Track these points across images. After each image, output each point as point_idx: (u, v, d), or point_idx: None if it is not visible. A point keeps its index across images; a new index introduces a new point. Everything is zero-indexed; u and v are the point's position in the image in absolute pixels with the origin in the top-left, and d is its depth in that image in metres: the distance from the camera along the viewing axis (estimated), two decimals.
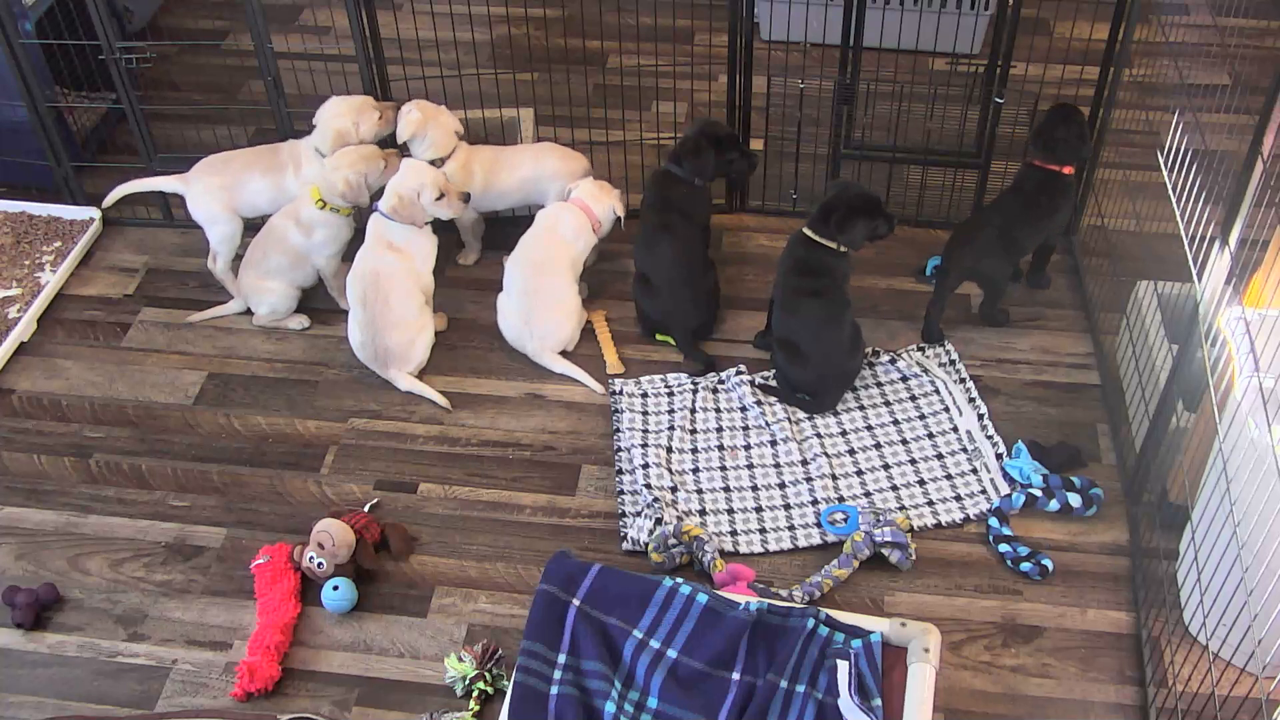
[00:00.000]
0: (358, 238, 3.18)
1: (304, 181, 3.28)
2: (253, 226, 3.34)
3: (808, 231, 2.98)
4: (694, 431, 3.02)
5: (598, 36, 4.09)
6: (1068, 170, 3.10)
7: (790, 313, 3.00)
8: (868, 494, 2.86)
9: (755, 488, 2.89)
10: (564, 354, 3.20)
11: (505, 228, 3.49)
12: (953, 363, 3.17)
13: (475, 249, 3.52)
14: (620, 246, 3.49)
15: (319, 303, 3.36)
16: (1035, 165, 3.12)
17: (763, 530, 2.79)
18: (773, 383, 3.11)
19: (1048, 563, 2.68)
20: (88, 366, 3.23)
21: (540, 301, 3.14)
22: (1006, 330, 3.25)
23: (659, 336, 3.27)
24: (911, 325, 3.28)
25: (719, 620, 2.30)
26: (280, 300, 3.27)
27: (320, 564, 2.63)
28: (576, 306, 3.23)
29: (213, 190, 3.30)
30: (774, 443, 2.98)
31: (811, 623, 2.29)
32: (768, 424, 3.01)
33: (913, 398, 3.09)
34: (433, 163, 3.24)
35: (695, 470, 2.93)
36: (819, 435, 2.99)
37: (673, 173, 3.22)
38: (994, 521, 2.76)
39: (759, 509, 2.84)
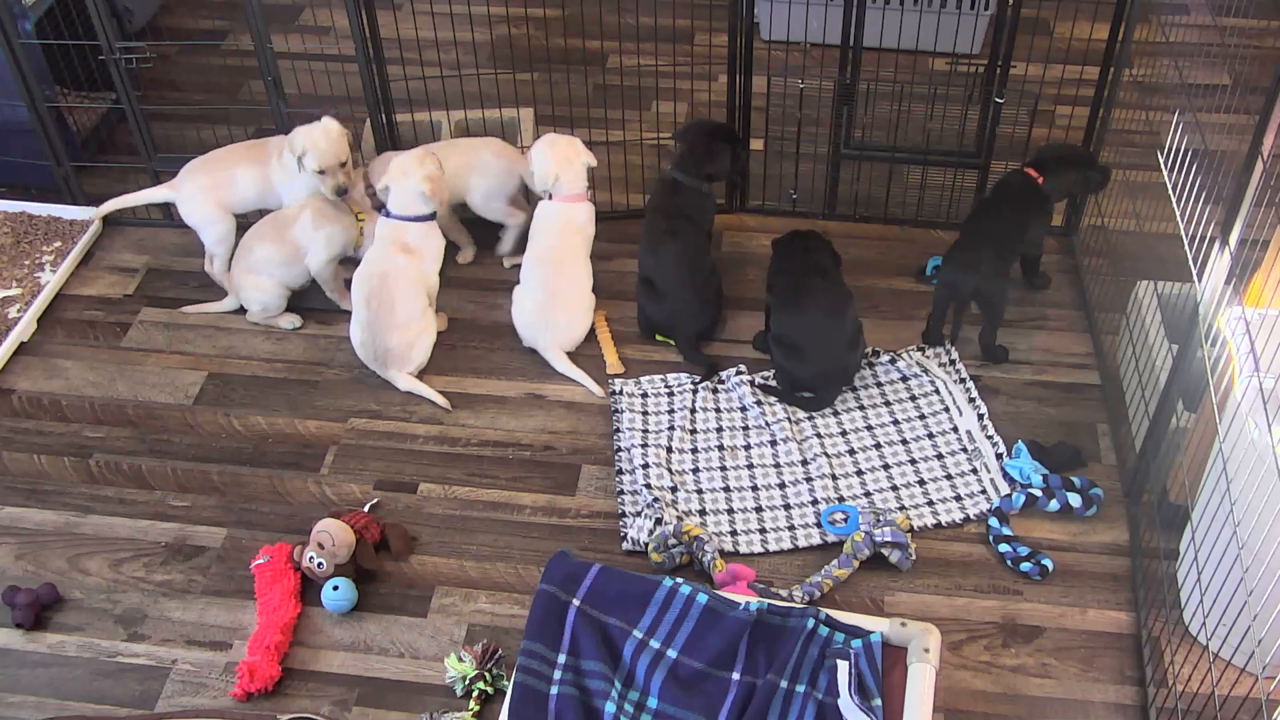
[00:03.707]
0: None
1: (294, 195, 3.28)
2: (246, 225, 3.33)
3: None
4: (694, 431, 3.02)
5: (598, 36, 4.09)
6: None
7: (792, 309, 3.00)
8: (868, 494, 2.86)
9: (755, 488, 2.88)
10: (567, 355, 3.20)
11: (501, 228, 3.49)
12: (953, 363, 3.17)
13: (467, 243, 3.51)
14: (619, 247, 3.49)
15: (318, 303, 3.35)
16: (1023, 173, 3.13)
17: (763, 530, 2.79)
18: (773, 383, 3.11)
19: (1048, 563, 2.68)
20: (88, 366, 3.23)
21: (560, 299, 3.14)
22: (1006, 331, 3.24)
23: (659, 337, 3.26)
24: (911, 325, 3.28)
25: (719, 620, 2.30)
26: (270, 298, 3.26)
27: (320, 564, 2.63)
28: (592, 302, 3.23)
29: (204, 190, 3.30)
30: (774, 443, 2.98)
31: (811, 623, 2.28)
32: (768, 424, 3.01)
33: (913, 398, 3.08)
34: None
35: (695, 470, 2.93)
36: (819, 435, 2.99)
37: (679, 180, 3.22)
38: (994, 521, 2.76)
39: (759, 509, 2.84)
